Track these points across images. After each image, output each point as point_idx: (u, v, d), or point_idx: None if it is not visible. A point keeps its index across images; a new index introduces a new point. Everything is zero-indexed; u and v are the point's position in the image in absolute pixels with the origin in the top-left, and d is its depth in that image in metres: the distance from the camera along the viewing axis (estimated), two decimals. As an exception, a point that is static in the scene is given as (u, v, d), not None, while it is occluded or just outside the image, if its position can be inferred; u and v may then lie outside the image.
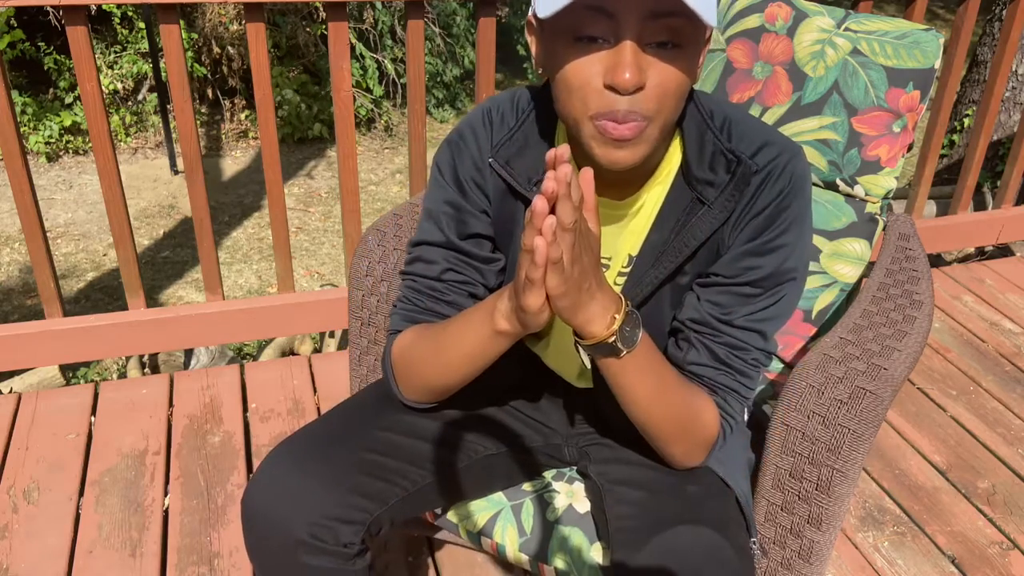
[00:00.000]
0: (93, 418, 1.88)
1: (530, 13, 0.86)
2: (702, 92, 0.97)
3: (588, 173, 0.77)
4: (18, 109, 4.81)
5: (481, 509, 1.08)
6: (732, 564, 0.86)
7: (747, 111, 1.28)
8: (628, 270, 0.98)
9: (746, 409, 1.07)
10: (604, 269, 0.99)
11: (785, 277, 0.93)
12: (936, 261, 3.12)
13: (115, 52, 5.23)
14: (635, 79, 0.78)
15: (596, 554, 1.01)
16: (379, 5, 5.59)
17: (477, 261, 1.01)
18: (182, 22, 3.29)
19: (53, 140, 4.92)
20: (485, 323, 0.87)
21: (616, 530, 0.94)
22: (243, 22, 5.14)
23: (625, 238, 0.97)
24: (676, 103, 0.83)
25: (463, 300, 1.00)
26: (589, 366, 0.88)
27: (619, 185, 0.94)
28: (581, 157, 0.95)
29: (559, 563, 1.03)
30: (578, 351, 0.86)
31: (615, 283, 0.99)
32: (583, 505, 1.07)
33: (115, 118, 5.14)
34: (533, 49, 0.89)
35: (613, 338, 0.82)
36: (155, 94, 5.08)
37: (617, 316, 0.82)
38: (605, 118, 0.81)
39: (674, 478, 0.98)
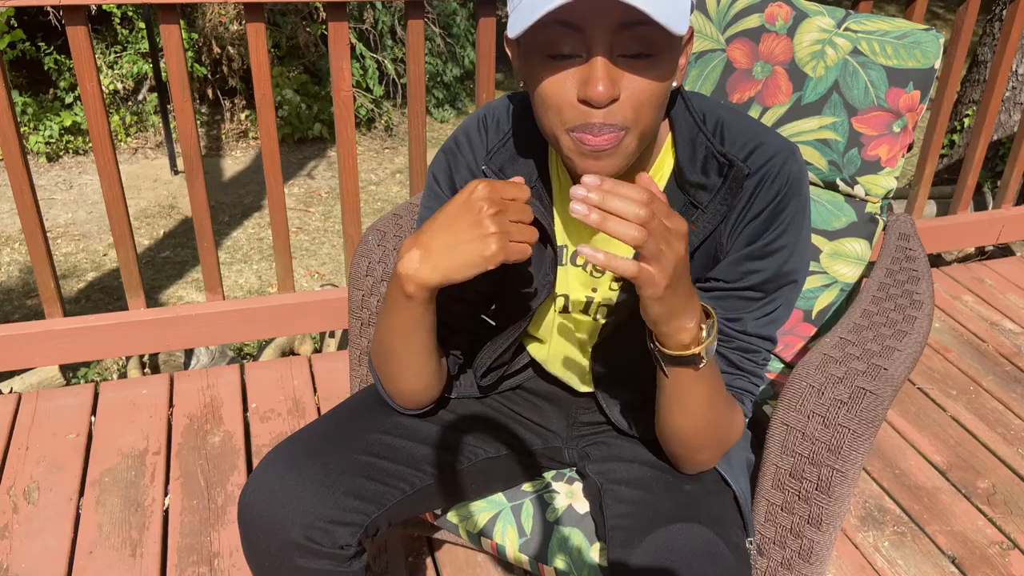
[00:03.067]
0: (93, 418, 1.88)
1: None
2: (696, 94, 0.97)
3: (643, 176, 0.77)
4: (18, 109, 4.81)
5: (481, 510, 1.08)
6: (726, 561, 0.86)
7: (746, 111, 1.29)
8: None
9: None
10: (600, 274, 1.00)
11: (786, 280, 0.93)
12: (936, 261, 3.12)
13: (115, 52, 5.22)
14: (608, 92, 0.77)
15: (596, 554, 1.01)
16: (379, 5, 5.59)
17: None
18: (182, 22, 3.29)
19: (53, 140, 4.92)
20: (393, 284, 0.88)
21: (613, 528, 0.94)
22: (243, 22, 5.14)
23: (619, 243, 0.97)
24: (653, 112, 0.82)
25: (450, 303, 1.00)
26: (668, 375, 0.86)
27: None
28: (567, 167, 0.95)
29: (559, 563, 1.03)
30: (656, 357, 0.85)
31: (609, 288, 1.00)
32: (583, 505, 1.07)
33: (115, 118, 5.14)
34: (513, 63, 0.89)
35: (701, 350, 0.82)
36: (155, 94, 5.08)
37: (704, 325, 0.82)
38: (582, 131, 0.81)
39: (672, 476, 0.98)
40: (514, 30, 0.78)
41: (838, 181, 1.27)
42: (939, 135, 2.40)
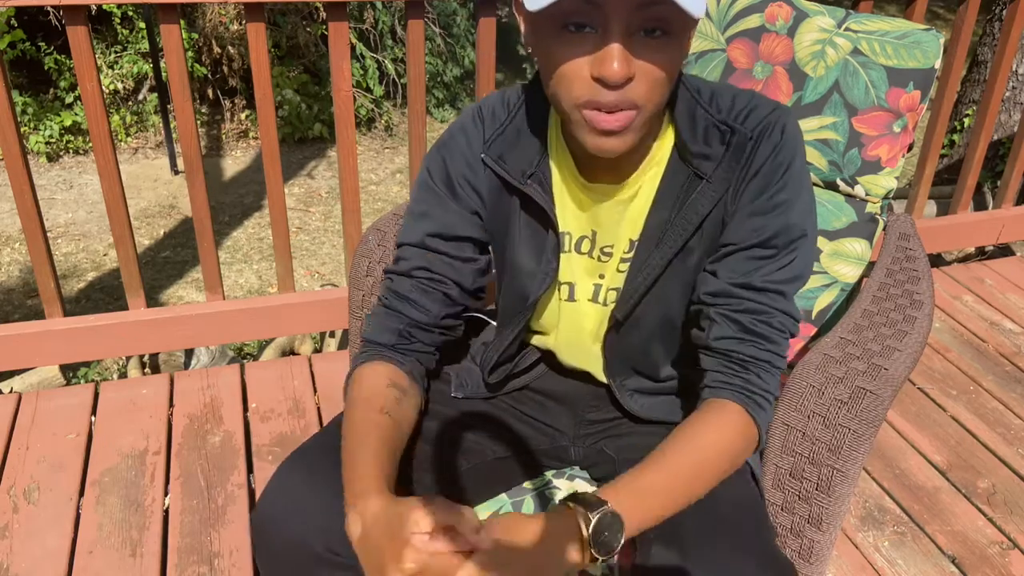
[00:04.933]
0: (93, 418, 1.88)
1: None
2: (685, 73, 0.97)
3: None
4: (18, 109, 4.81)
5: (481, 507, 1.08)
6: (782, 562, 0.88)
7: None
8: (631, 256, 0.97)
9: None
10: (607, 258, 0.99)
11: (795, 234, 0.91)
12: (936, 261, 3.12)
13: (115, 52, 5.22)
14: (623, 71, 0.77)
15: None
16: (379, 5, 5.59)
17: (456, 261, 1.00)
18: (182, 22, 3.28)
19: (53, 140, 4.92)
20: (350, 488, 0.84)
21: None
22: (243, 22, 5.14)
23: (626, 224, 0.97)
24: (665, 91, 0.83)
25: (427, 300, 0.99)
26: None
27: (615, 169, 0.94)
28: (572, 142, 0.95)
29: (559, 562, 1.03)
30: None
31: (618, 270, 0.99)
32: (583, 503, 1.07)
33: (115, 118, 5.13)
34: (521, 27, 0.89)
35: (597, 560, 0.78)
36: (155, 94, 5.07)
37: (584, 538, 0.77)
38: (594, 108, 0.81)
39: None
40: (533, 3, 0.77)
41: (838, 181, 1.27)
42: (939, 135, 2.40)
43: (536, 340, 1.10)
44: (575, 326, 1.04)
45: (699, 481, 0.86)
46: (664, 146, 0.94)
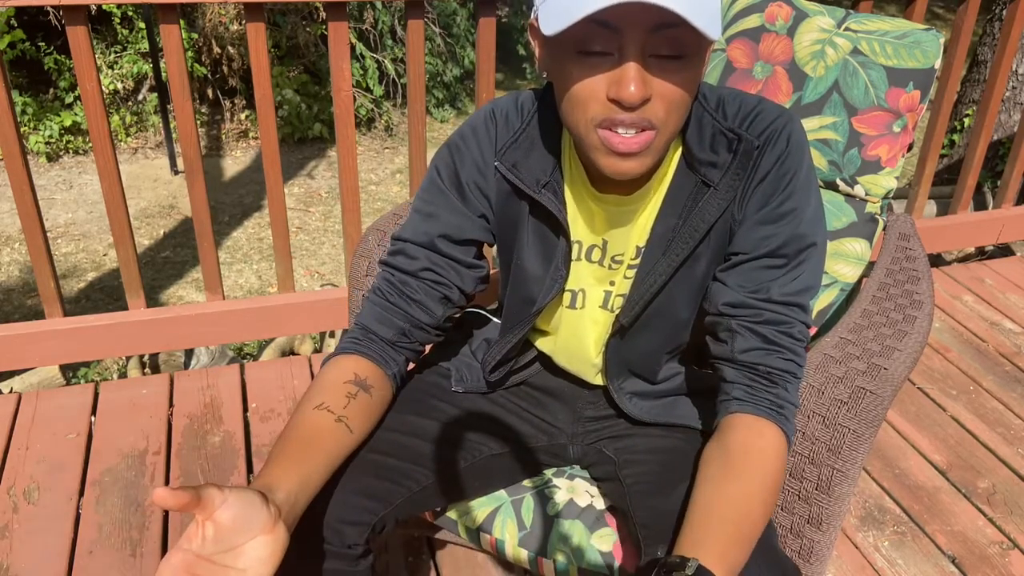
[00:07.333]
0: (93, 418, 1.88)
1: (532, 16, 0.86)
2: None
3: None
4: (18, 109, 4.81)
5: (481, 505, 1.08)
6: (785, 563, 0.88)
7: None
8: (637, 262, 0.98)
9: None
10: (617, 266, 0.99)
11: (804, 243, 0.91)
12: (936, 261, 3.12)
13: (115, 52, 5.22)
14: (640, 93, 0.77)
15: (597, 543, 1.01)
16: (379, 5, 5.59)
17: (461, 266, 1.00)
18: (182, 22, 3.28)
19: (53, 140, 4.92)
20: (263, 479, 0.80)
21: (633, 484, 0.97)
22: (243, 22, 5.14)
23: (635, 232, 0.97)
24: (683, 112, 0.83)
25: (432, 302, 1.00)
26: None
27: (627, 181, 0.94)
28: (587, 164, 0.95)
29: (559, 557, 1.03)
30: None
31: (625, 277, 0.99)
32: (583, 499, 1.07)
33: (115, 118, 5.13)
34: (536, 52, 0.89)
35: None
36: (155, 94, 5.07)
37: None
38: (610, 126, 0.81)
39: (689, 446, 0.98)
40: (550, 28, 0.78)
41: (838, 181, 1.27)
42: (939, 135, 2.40)
43: (537, 342, 1.11)
44: (574, 333, 1.05)
45: (761, 519, 0.83)
46: (673, 155, 0.94)
